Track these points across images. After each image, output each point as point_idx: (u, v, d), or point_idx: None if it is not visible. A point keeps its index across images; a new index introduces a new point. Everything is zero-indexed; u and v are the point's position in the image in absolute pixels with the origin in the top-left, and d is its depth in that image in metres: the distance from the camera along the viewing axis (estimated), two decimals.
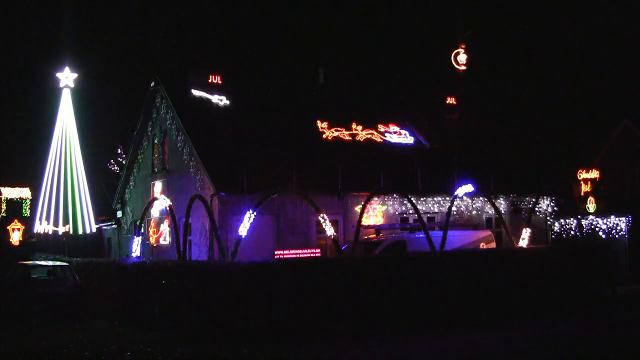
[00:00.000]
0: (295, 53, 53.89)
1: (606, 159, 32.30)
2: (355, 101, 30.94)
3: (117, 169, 48.02)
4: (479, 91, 40.15)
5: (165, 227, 26.83)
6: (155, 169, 28.56)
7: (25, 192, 48.59)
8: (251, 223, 18.49)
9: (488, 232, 24.63)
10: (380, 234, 23.80)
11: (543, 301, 20.33)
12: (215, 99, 27.41)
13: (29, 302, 19.83)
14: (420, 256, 19.32)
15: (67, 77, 40.44)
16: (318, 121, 27.76)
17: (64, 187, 39.71)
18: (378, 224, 25.06)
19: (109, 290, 20.88)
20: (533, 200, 26.44)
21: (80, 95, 42.33)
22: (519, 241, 22.43)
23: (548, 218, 29.87)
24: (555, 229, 30.06)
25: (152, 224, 27.61)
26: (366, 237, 23.58)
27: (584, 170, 30.77)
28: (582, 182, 30.57)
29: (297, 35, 59.45)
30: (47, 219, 39.29)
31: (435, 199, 26.81)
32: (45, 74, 53.97)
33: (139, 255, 22.29)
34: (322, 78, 32.22)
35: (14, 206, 47.40)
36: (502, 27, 50.79)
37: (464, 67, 35.48)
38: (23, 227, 37.73)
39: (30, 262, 24.12)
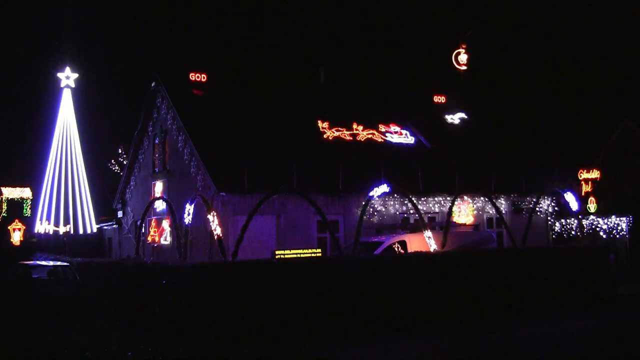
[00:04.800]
0: (296, 53, 53.92)
1: (607, 159, 32.29)
2: (356, 101, 30.94)
3: (117, 169, 48.11)
4: (479, 91, 40.18)
5: (166, 227, 26.84)
6: (156, 169, 28.56)
7: (26, 192, 48.62)
8: (252, 223, 18.46)
9: (488, 233, 24.60)
10: (381, 234, 23.77)
11: (544, 301, 20.31)
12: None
13: (30, 302, 19.80)
14: (420, 256, 19.31)
15: (67, 77, 40.49)
16: (319, 121, 27.75)
17: (65, 187, 39.76)
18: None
19: (109, 291, 20.87)
20: (534, 200, 26.42)
21: (81, 95, 42.38)
22: (520, 241, 22.38)
23: (549, 218, 29.85)
24: (556, 229, 30.05)
25: (153, 224, 27.62)
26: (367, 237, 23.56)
27: (585, 170, 30.76)
28: (583, 182, 30.56)
29: (298, 35, 59.51)
30: (48, 219, 39.35)
31: (436, 198, 26.82)
32: (46, 74, 54.03)
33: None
34: (323, 78, 32.22)
35: (15, 206, 47.42)
36: (502, 27, 50.82)
37: (464, 67, 35.49)
38: (24, 227, 37.73)
39: (31, 262, 24.11)
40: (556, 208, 29.76)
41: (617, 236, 27.96)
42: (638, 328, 17.66)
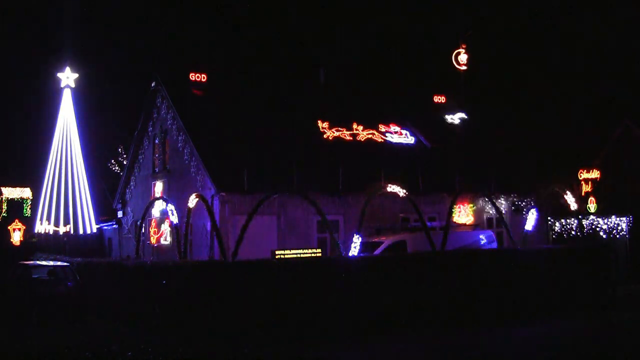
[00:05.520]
0: (296, 53, 53.90)
1: (607, 159, 32.27)
2: (356, 101, 30.92)
3: (117, 169, 48.11)
4: (479, 91, 40.16)
5: (166, 227, 26.83)
6: (156, 169, 28.56)
7: (26, 192, 48.63)
8: (252, 223, 18.46)
9: (489, 233, 24.58)
10: (381, 234, 23.75)
11: (544, 301, 20.30)
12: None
13: (30, 302, 19.80)
14: (420, 256, 19.31)
15: (67, 77, 40.49)
16: (319, 121, 27.74)
17: (65, 187, 39.75)
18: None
19: (109, 291, 20.88)
20: (534, 200, 26.42)
21: (81, 95, 42.38)
22: (519, 241, 22.38)
23: (549, 218, 29.82)
24: (556, 229, 30.02)
25: (153, 224, 27.61)
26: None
27: (585, 170, 30.72)
28: (583, 182, 30.52)
29: (298, 35, 59.48)
30: (48, 219, 39.33)
31: (436, 198, 26.79)
32: (46, 74, 54.05)
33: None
34: (323, 78, 32.21)
35: (15, 206, 47.45)
36: (503, 27, 50.81)
37: (464, 67, 35.47)
38: (24, 227, 37.73)
39: (31, 262, 24.11)
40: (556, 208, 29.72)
41: (617, 236, 27.94)
42: (637, 328, 17.65)
